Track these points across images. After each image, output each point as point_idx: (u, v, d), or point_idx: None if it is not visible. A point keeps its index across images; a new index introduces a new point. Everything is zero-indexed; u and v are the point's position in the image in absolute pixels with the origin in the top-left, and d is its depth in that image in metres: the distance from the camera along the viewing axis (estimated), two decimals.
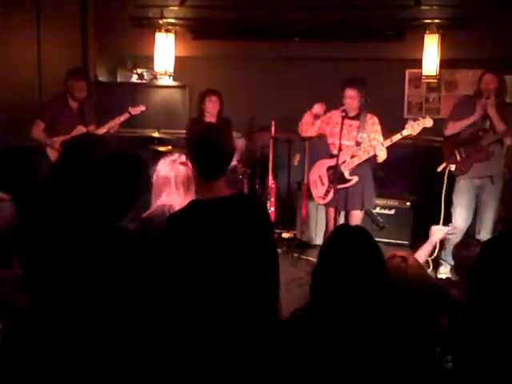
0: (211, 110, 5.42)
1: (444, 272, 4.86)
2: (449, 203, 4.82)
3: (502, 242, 2.01)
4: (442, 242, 4.75)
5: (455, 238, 4.79)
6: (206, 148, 2.18)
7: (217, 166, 2.20)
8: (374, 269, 1.76)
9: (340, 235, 1.87)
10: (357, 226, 1.92)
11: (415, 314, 1.77)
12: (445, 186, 4.79)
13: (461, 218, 4.76)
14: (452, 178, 4.84)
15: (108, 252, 1.64)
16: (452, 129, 4.78)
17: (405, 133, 4.41)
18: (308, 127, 4.70)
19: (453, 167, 4.75)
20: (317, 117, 4.66)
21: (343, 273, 1.74)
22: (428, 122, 4.39)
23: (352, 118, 4.53)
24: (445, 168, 4.80)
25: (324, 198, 4.71)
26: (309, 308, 1.82)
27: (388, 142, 4.45)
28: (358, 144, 4.53)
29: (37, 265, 1.69)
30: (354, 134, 4.54)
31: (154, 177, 2.86)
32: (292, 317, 1.82)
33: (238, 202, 2.26)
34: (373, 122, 4.58)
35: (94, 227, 1.66)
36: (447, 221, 4.69)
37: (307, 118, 4.68)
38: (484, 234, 4.72)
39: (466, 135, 4.70)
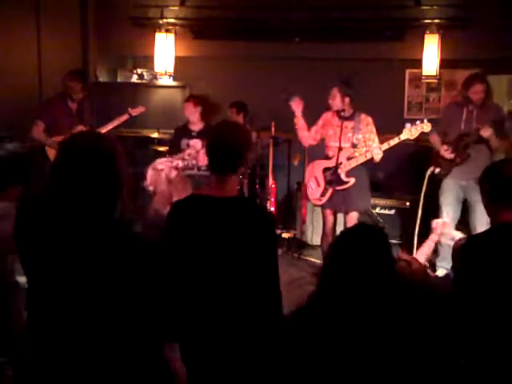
0: (190, 115, 5.34)
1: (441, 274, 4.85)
2: (435, 204, 4.92)
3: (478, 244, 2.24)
4: (437, 248, 4.81)
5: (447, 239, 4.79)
6: (216, 146, 2.25)
7: (225, 163, 2.23)
8: (384, 267, 1.82)
9: (355, 232, 1.93)
10: (372, 225, 2.01)
11: (416, 316, 1.81)
12: (424, 187, 4.86)
13: (448, 215, 4.77)
14: (439, 179, 4.96)
15: (109, 242, 1.70)
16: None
17: (402, 137, 4.40)
18: (306, 134, 4.67)
19: (437, 170, 4.86)
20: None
21: (353, 268, 1.79)
22: (426, 127, 4.38)
23: (346, 119, 4.47)
24: (432, 171, 4.90)
25: (320, 200, 4.64)
26: (315, 302, 1.86)
27: (385, 146, 4.42)
28: (353, 146, 4.50)
29: (39, 257, 1.73)
30: (350, 135, 4.49)
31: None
32: (300, 310, 1.88)
33: (236, 204, 2.24)
34: (367, 123, 4.55)
35: (91, 218, 1.71)
36: (427, 221, 4.76)
37: (299, 124, 4.66)
38: (480, 228, 4.73)
39: (452, 139, 4.77)
